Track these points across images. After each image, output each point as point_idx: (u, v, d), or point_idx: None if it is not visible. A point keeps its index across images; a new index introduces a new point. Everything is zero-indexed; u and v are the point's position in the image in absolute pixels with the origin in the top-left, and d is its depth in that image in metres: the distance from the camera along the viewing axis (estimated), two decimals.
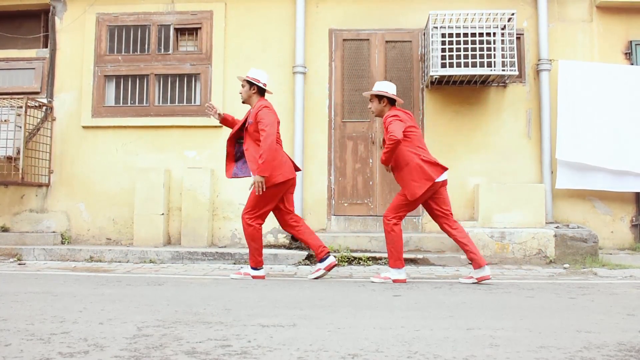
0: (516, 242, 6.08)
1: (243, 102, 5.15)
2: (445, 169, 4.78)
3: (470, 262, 4.87)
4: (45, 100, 7.32)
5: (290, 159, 5.09)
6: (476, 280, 4.69)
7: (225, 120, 5.23)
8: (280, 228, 6.97)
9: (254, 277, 4.99)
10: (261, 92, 5.07)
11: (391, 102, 4.91)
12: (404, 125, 4.70)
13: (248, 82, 5.02)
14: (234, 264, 6.22)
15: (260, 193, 4.78)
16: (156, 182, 6.91)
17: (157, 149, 7.24)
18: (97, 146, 7.32)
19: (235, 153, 5.18)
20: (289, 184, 5.00)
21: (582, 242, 6.07)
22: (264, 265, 5.12)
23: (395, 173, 4.85)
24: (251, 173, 4.94)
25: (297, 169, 5.13)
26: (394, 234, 4.77)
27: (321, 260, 4.97)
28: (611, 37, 7.02)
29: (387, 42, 7.17)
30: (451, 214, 4.86)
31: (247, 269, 5.09)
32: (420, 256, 6.11)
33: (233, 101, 6.98)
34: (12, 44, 7.66)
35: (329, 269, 4.97)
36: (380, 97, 4.90)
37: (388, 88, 4.91)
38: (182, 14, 7.35)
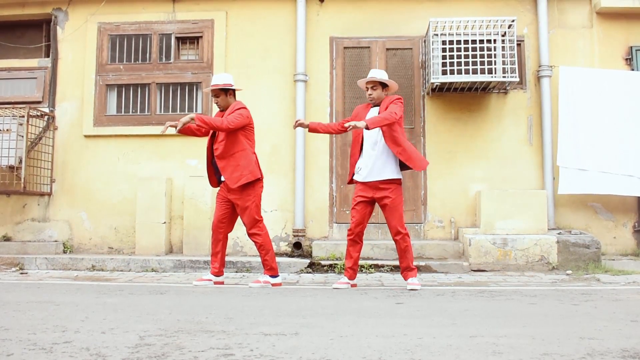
0: (518, 248, 6.07)
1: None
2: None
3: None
4: (47, 110, 7.34)
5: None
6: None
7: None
8: (282, 236, 7.02)
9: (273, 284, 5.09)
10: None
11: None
12: None
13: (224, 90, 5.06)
14: (236, 272, 6.22)
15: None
16: (158, 191, 6.91)
17: (158, 157, 7.25)
18: (99, 155, 7.33)
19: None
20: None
21: (584, 248, 6.05)
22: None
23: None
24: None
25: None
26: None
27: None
28: (611, 43, 7.03)
29: (387, 49, 7.18)
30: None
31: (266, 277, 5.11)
32: (422, 263, 6.09)
33: None
34: (14, 53, 7.70)
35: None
36: (384, 85, 4.93)
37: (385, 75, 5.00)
38: (183, 22, 7.38)
